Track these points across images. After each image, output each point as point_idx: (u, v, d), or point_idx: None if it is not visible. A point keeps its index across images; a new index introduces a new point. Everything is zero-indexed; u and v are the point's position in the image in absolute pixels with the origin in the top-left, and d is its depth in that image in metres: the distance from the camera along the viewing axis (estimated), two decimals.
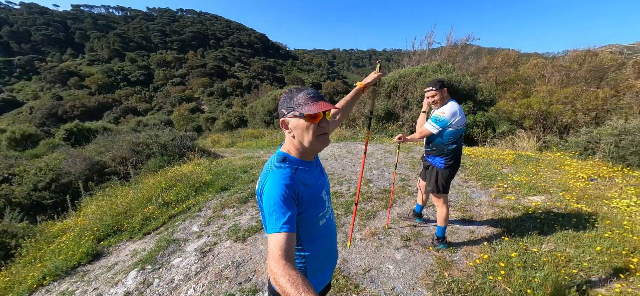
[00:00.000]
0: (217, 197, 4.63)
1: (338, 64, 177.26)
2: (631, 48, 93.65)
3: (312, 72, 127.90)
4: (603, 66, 22.05)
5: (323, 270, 1.22)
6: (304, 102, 1.03)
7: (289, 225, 0.94)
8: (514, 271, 2.43)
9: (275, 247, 0.90)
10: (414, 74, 13.92)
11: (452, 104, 2.51)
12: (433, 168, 2.71)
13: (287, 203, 0.97)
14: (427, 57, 22.05)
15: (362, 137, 10.88)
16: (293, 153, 1.12)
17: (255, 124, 25.36)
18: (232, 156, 8.46)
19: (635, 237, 2.92)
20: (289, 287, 0.81)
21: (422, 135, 2.63)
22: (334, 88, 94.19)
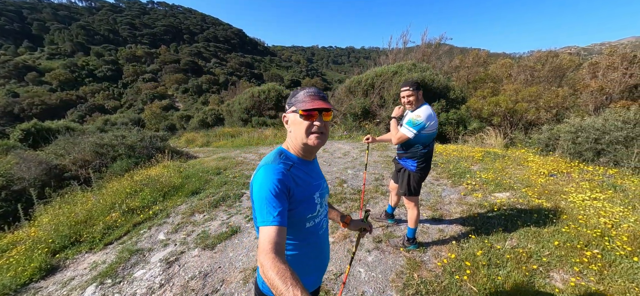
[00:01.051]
0: (187, 201, 4.43)
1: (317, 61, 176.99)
2: (587, 49, 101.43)
3: (291, 69, 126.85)
4: (563, 66, 23.61)
5: (309, 274, 1.19)
6: (302, 99, 1.04)
7: (279, 219, 0.94)
8: (479, 270, 2.51)
9: (265, 240, 0.90)
10: (390, 73, 14.16)
11: (426, 107, 2.54)
12: (405, 171, 2.74)
13: (278, 197, 0.96)
14: (402, 56, 22.57)
15: (339, 135, 10.92)
16: (291, 150, 1.12)
17: (232, 122, 24.73)
18: (206, 156, 8.16)
19: (589, 231, 3.13)
20: (277, 280, 0.81)
21: (399, 140, 2.63)
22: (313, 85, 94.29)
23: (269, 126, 19.92)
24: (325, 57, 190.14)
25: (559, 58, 25.22)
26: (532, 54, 24.44)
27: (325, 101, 1.05)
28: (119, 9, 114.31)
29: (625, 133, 5.99)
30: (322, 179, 1.23)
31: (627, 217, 3.52)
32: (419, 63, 15.93)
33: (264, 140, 12.26)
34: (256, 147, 10.09)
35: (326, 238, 1.26)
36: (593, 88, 17.63)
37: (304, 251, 1.14)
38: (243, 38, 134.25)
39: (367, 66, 23.62)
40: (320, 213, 1.16)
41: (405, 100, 2.65)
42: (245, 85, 50.62)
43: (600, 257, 2.72)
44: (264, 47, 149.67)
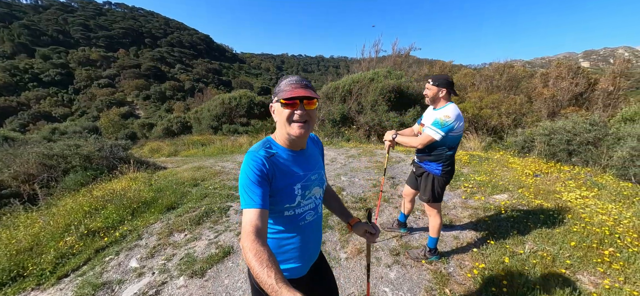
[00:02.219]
0: (162, 219, 3.78)
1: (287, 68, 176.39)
2: (531, 62, 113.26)
3: (261, 76, 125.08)
4: (518, 76, 25.72)
5: (289, 261, 1.17)
6: (283, 88, 1.03)
7: (260, 202, 0.96)
8: (514, 279, 2.30)
9: (246, 222, 0.93)
10: (367, 79, 14.23)
11: (454, 107, 2.29)
12: (428, 175, 2.48)
13: (257, 182, 0.98)
14: (375, 64, 23.06)
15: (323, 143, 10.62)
16: (277, 140, 1.13)
17: (201, 130, 23.38)
18: (176, 167, 7.37)
19: (597, 229, 3.11)
20: (254, 261, 0.82)
21: (424, 143, 2.36)
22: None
23: (242, 133, 19.12)
24: (295, 65, 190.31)
25: (514, 69, 27.49)
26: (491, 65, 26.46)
27: (307, 89, 1.02)
28: (70, 9, 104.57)
29: (593, 134, 6.40)
30: (311, 171, 1.18)
31: (622, 213, 3.61)
32: (394, 70, 16.28)
33: (238, 148, 11.56)
34: (231, 155, 9.42)
35: (311, 230, 1.21)
36: (546, 96, 19.34)
37: (284, 239, 1.15)
38: (210, 44, 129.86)
39: (341, 74, 23.82)
40: (301, 205, 1.13)
41: (424, 92, 2.41)
42: (214, 92, 48.64)
43: (619, 256, 2.67)
44: (232, 54, 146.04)
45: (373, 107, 13.12)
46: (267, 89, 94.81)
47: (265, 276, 0.78)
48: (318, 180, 1.21)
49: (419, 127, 2.59)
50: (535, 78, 24.38)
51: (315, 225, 1.24)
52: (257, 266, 0.81)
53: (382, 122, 12.43)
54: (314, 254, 1.28)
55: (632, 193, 4.25)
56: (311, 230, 1.21)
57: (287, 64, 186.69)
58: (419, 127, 2.58)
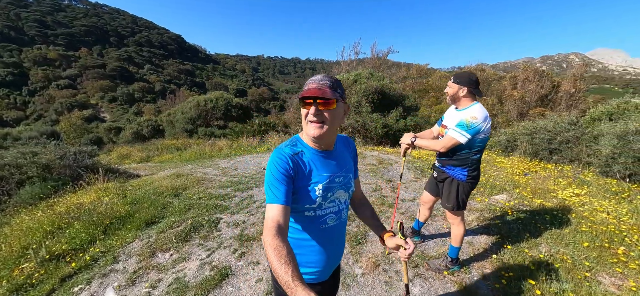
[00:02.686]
0: (142, 236, 3.30)
1: (263, 70, 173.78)
2: (495, 66, 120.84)
3: (236, 78, 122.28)
4: (488, 79, 27.04)
5: (308, 264, 1.14)
6: (304, 87, 1.04)
7: (282, 198, 0.96)
8: (546, 286, 2.16)
9: (268, 218, 0.94)
10: (350, 81, 14.16)
11: (480, 107, 2.10)
12: (452, 181, 2.28)
13: (280, 178, 0.98)
14: (355, 66, 23.20)
15: None
16: (304, 138, 1.12)
17: (174, 134, 22.16)
18: (151, 174, 6.73)
19: (604, 228, 3.11)
20: (273, 256, 0.83)
21: (447, 147, 2.15)
22: (260, 95, 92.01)
23: (219, 137, 18.35)
24: (271, 66, 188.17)
25: (485, 72, 28.84)
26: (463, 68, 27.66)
27: (321, 89, 0.98)
28: (24, 4, 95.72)
29: (572, 133, 6.67)
30: (337, 173, 1.13)
31: (617, 209, 3.67)
32: (376, 72, 16.38)
33: (218, 152, 10.92)
34: (211, 160, 8.82)
35: (332, 235, 1.17)
36: (516, 97, 20.44)
37: (302, 239, 1.13)
38: (182, 44, 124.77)
39: None
40: (323, 207, 1.10)
41: (445, 91, 2.22)
42: (187, 93, 46.63)
43: (632, 255, 2.65)
44: (205, 55, 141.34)
45: (357, 109, 13.05)
46: (243, 91, 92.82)
47: (282, 272, 0.79)
48: (343, 183, 1.16)
49: (440, 128, 2.40)
50: (504, 80, 25.83)
51: (337, 230, 1.18)
52: (275, 261, 0.81)
53: (366, 123, 12.39)
54: (334, 261, 1.22)
55: (619, 190, 4.40)
56: (332, 235, 1.16)
57: (263, 65, 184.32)
58: (440, 129, 2.39)
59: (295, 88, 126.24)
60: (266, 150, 9.60)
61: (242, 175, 5.74)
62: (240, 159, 7.87)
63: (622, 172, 4.86)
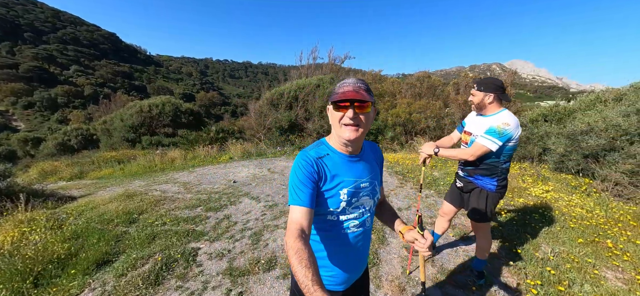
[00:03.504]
0: (94, 282, 2.50)
1: (212, 74, 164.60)
2: (433, 73, 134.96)
3: (183, 82, 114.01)
4: (435, 85, 29.38)
5: (330, 269, 1.12)
6: (336, 90, 1.02)
7: (306, 201, 0.96)
8: (574, 290, 2.11)
9: (290, 220, 0.95)
10: (312, 85, 13.97)
11: (510, 113, 1.99)
12: (481, 192, 2.12)
13: (304, 180, 0.98)
14: (313, 71, 23.20)
15: (273, 152, 9.73)
16: (330, 142, 1.11)
17: (112, 144, 19.41)
18: (91, 195, 5.55)
19: (586, 222, 3.30)
20: (294, 258, 0.83)
21: (477, 155, 2.00)
22: (210, 99, 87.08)
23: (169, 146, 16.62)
24: (221, 70, 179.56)
25: (431, 78, 31.30)
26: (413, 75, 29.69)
27: (358, 92, 0.97)
28: None
29: (525, 134, 7.35)
30: (363, 179, 1.11)
31: (586, 204, 3.99)
32: (338, 77, 16.46)
33: (170, 164, 9.71)
34: (164, 173, 7.75)
35: (355, 243, 1.12)
36: (459, 101, 22.51)
37: (323, 245, 1.11)
38: (117, 43, 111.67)
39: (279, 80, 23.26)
40: (346, 212, 1.07)
41: (469, 99, 2.06)
42: (124, 98, 41.68)
43: (622, 247, 2.81)
44: (146, 56, 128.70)
45: (321, 114, 12.87)
46: (191, 96, 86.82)
47: (302, 275, 0.78)
48: (369, 189, 1.13)
49: (463, 135, 2.24)
50: (448, 86, 28.34)
51: (361, 239, 1.14)
52: (296, 264, 0.81)
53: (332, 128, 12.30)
54: (356, 270, 1.18)
55: (578, 184, 4.86)
56: (355, 243, 1.13)
57: (212, 68, 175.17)
58: (463, 136, 2.23)
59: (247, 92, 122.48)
60: (229, 160, 8.80)
61: (210, 191, 5.03)
62: (201, 171, 7.00)
63: (574, 168, 5.41)
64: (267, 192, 4.82)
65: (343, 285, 1.15)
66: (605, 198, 4.18)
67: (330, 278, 1.13)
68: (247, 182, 5.49)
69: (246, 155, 9.57)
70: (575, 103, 9.44)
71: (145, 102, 22.19)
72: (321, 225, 1.09)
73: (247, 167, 6.87)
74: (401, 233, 1.17)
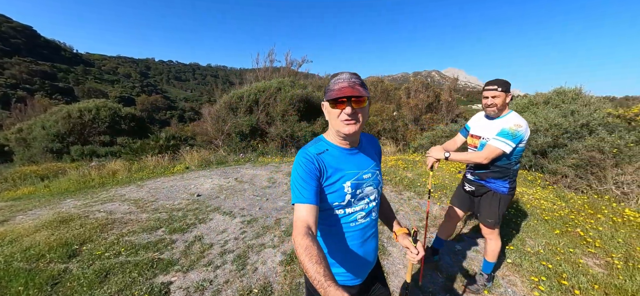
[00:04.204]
0: None
1: (155, 76, 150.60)
2: (393, 77, 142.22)
3: (119, 83, 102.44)
4: (387, 89, 30.92)
5: (337, 266, 1.12)
6: (332, 87, 1.02)
7: (310, 198, 0.97)
8: (575, 281, 2.16)
9: (295, 218, 0.95)
10: (273, 89, 13.51)
11: (517, 114, 1.99)
12: (494, 195, 2.07)
13: (306, 178, 0.99)
14: (270, 74, 22.66)
15: (235, 159, 9.05)
16: (329, 137, 1.13)
17: (31, 156, 16.36)
18: (8, 222, 4.39)
19: (556, 214, 3.57)
20: (304, 256, 0.82)
21: (491, 158, 1.94)
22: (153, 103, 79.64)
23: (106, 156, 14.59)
24: (165, 72, 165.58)
25: (384, 83, 32.88)
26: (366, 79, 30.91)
27: (354, 88, 0.98)
28: None
29: None
30: (364, 169, 1.13)
31: (548, 196, 4.36)
32: (299, 81, 16.20)
33: (112, 178, 8.39)
34: (105, 189, 6.62)
35: (363, 235, 1.14)
36: (411, 104, 24.03)
37: (332, 239, 1.12)
38: (34, 38, 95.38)
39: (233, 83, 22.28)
40: (352, 204, 1.09)
41: (489, 102, 2.00)
42: (45, 102, 35.69)
43: (592, 235, 3.07)
44: (72, 54, 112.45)
45: (283, 118, 12.49)
46: (130, 99, 78.48)
47: (313, 271, 0.78)
48: (372, 179, 1.15)
49: (469, 138, 2.17)
50: (400, 90, 30.12)
51: (368, 230, 1.16)
52: (306, 261, 0.81)
53: (294, 132, 11.99)
54: (368, 262, 1.19)
55: (533, 179, 5.33)
56: (363, 235, 1.14)
57: (154, 70, 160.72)
58: (470, 139, 2.16)
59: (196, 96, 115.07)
60: (185, 170, 7.92)
61: (170, 208, 4.35)
62: (153, 185, 6.10)
63: (528, 163, 5.96)
64: (240, 205, 4.33)
65: (359, 278, 1.16)
66: (560, 190, 4.63)
67: (345, 274, 1.13)
68: (214, 195, 4.90)
69: (205, 163, 8.73)
70: (512, 106, 10.56)
71: (74, 107, 19.20)
72: (329, 222, 1.09)
73: (209, 178, 6.20)
74: (395, 234, 1.24)
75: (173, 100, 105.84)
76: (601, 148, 4.69)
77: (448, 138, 8.46)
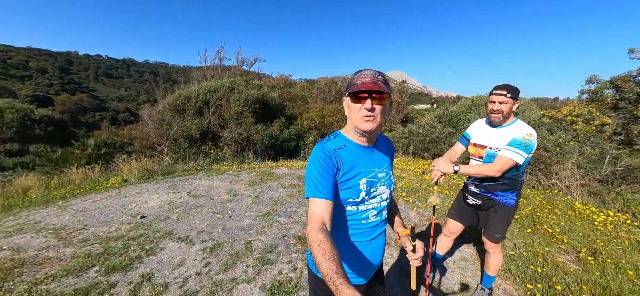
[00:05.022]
0: None
1: (79, 72, 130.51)
2: (342, 78, 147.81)
3: (32, 80, 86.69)
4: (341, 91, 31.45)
5: (347, 263, 1.11)
6: (354, 82, 1.02)
7: (325, 193, 0.96)
8: (565, 279, 2.16)
9: (310, 212, 0.95)
10: (225, 89, 12.59)
11: (524, 122, 1.87)
12: (503, 208, 1.93)
13: (322, 172, 0.99)
14: (220, 73, 21.30)
15: (185, 168, 8.03)
16: (346, 133, 1.12)
17: None
18: None
19: (522, 211, 3.73)
20: (317, 251, 0.82)
21: (504, 170, 1.80)
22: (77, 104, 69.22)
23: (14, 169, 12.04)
24: (93, 67, 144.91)
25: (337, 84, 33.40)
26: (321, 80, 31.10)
27: (376, 83, 0.98)
28: None
29: (435, 135, 8.35)
30: (379, 168, 1.13)
31: None
32: (252, 80, 15.35)
33: (22, 198, 6.71)
34: (11, 213, 5.16)
35: (374, 234, 1.14)
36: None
37: (344, 236, 1.10)
38: None
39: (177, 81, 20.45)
40: (366, 202, 1.09)
41: (495, 107, 1.84)
42: None
43: (558, 230, 3.24)
44: None
45: (238, 120, 11.67)
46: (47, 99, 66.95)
47: (326, 267, 0.77)
48: (386, 179, 1.15)
49: (472, 148, 2.01)
50: None
51: (378, 228, 1.16)
52: (320, 256, 0.80)
53: (251, 135, 11.29)
54: (375, 261, 1.17)
55: None
56: (373, 233, 1.14)
57: (78, 65, 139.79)
58: (473, 149, 2.00)
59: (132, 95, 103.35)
60: (123, 184, 6.72)
61: (106, 237, 3.49)
62: (82, 205, 4.96)
63: None
64: (199, 226, 3.68)
65: (365, 277, 1.16)
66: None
67: (353, 272, 1.13)
68: (163, 215, 4.12)
69: (147, 175, 7.56)
70: (457, 107, 11.37)
71: None
72: (342, 218, 1.09)
73: (155, 193, 5.30)
74: (398, 234, 1.23)
75: (103, 99, 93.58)
76: (546, 147, 5.16)
77: (407, 139, 8.70)
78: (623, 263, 2.60)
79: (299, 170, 6.69)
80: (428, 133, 8.31)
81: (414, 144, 8.37)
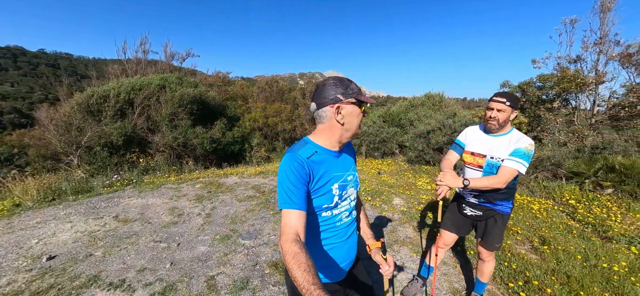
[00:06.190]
0: None
1: None
2: (282, 77, 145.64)
3: None
4: (283, 89, 31.03)
5: (326, 265, 1.13)
6: (356, 90, 1.06)
7: (299, 203, 0.95)
8: (531, 272, 2.27)
9: (283, 224, 0.94)
10: (154, 87, 10.99)
11: (520, 132, 1.87)
12: (501, 216, 1.91)
13: (296, 182, 0.97)
14: (144, 68, 18.73)
15: (106, 183, 6.60)
16: (318, 140, 1.11)
17: None
18: None
19: None
20: (292, 263, 0.81)
21: (509, 181, 1.75)
22: None
23: None
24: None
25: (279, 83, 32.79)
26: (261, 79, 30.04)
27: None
28: None
29: (384, 135, 8.66)
30: (346, 171, 1.16)
31: None
32: (185, 77, 13.72)
33: None
34: None
35: (348, 232, 1.19)
36: (306, 104, 24.88)
37: (321, 240, 1.11)
38: None
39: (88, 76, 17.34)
40: (339, 205, 1.12)
41: (493, 114, 1.79)
42: None
43: (512, 223, 3.53)
44: None
45: (172, 122, 10.30)
46: None
47: (302, 279, 0.77)
48: (353, 181, 1.20)
49: (468, 156, 1.93)
50: (295, 91, 30.73)
51: (352, 228, 1.21)
52: (295, 268, 0.80)
53: (189, 140, 10.09)
54: (350, 257, 1.22)
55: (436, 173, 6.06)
56: (346, 232, 1.18)
57: None
58: (469, 157, 1.93)
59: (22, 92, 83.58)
60: (14, 210, 5.12)
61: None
62: None
63: (432, 160, 6.78)
64: (137, 263, 2.90)
65: (341, 274, 1.19)
66: None
67: (330, 272, 1.14)
68: (83, 253, 3.17)
69: (52, 195, 5.94)
70: (397, 107, 12.11)
71: None
72: (316, 223, 1.09)
73: (66, 220, 4.13)
74: (368, 247, 1.28)
75: None
76: None
77: (358, 140, 8.82)
78: (571, 248, 2.93)
79: (252, 178, 6.11)
80: (378, 133, 8.58)
81: (366, 144, 8.54)
